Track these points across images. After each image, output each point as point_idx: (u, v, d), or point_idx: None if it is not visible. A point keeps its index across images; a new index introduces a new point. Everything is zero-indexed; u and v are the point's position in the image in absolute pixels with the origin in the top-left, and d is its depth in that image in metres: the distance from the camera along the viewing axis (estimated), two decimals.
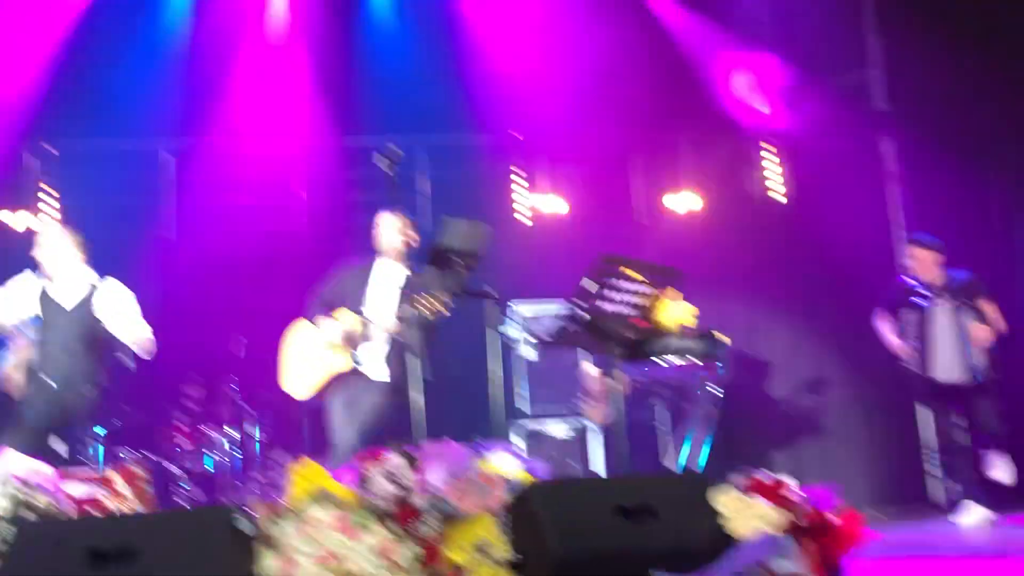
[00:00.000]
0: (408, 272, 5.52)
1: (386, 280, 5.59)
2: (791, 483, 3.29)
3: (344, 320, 5.50)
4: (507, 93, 10.08)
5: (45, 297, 5.45)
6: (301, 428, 8.19)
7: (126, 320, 5.42)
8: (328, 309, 5.59)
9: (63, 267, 5.47)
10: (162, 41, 9.95)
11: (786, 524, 3.13)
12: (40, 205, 9.44)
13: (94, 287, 5.49)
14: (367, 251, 6.02)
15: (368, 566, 2.89)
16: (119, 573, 2.84)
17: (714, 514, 3.17)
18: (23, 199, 9.53)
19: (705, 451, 4.62)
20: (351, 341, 5.47)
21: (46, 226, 5.50)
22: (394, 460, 3.17)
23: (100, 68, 9.51)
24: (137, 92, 9.44)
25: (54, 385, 5.30)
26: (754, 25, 9.59)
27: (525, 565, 2.97)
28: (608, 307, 3.95)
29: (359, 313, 5.45)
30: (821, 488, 3.32)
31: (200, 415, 8.28)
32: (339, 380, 5.55)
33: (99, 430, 7.63)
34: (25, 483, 3.24)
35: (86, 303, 5.43)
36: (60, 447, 5.46)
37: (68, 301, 5.43)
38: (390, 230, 5.59)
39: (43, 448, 5.01)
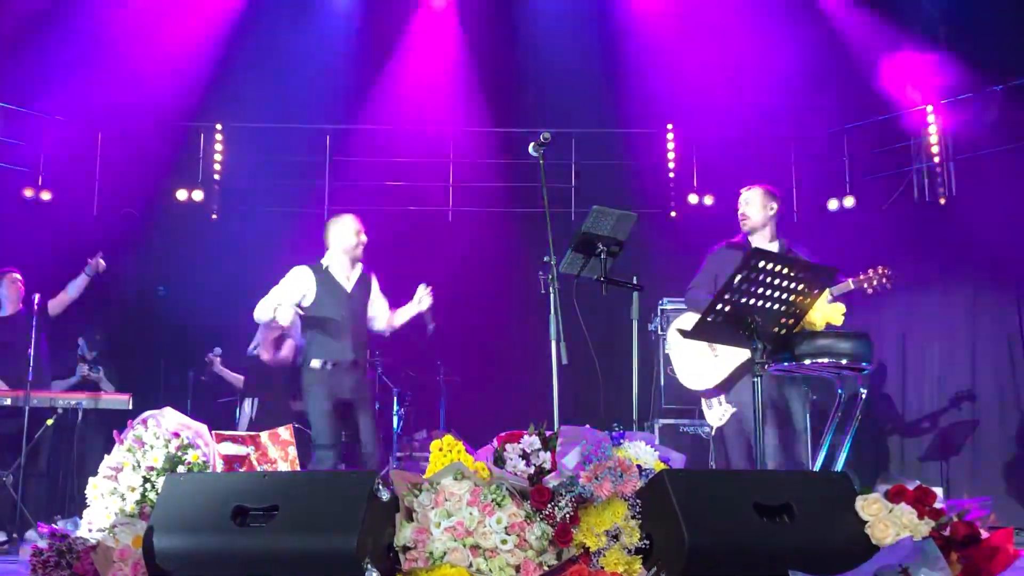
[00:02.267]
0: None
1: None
2: (937, 492, 3.17)
3: None
4: (661, 86, 10.03)
5: (331, 280, 5.91)
6: (440, 404, 8.37)
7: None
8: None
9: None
10: (326, 27, 10.29)
11: (930, 534, 3.01)
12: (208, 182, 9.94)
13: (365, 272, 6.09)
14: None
15: (498, 541, 2.93)
16: (259, 526, 2.96)
17: (854, 517, 3.08)
18: (192, 176, 10.06)
19: (844, 454, 4.48)
20: None
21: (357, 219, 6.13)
22: (530, 440, 3.20)
23: (266, 52, 9.93)
24: (301, 75, 9.82)
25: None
26: (923, 24, 9.24)
27: (655, 553, 2.95)
28: (755, 302, 3.88)
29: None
30: (970, 500, 3.19)
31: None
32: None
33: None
34: (180, 439, 3.41)
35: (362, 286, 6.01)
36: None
37: (349, 284, 5.97)
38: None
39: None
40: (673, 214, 9.94)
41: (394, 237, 9.69)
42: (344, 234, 6.03)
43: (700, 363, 5.45)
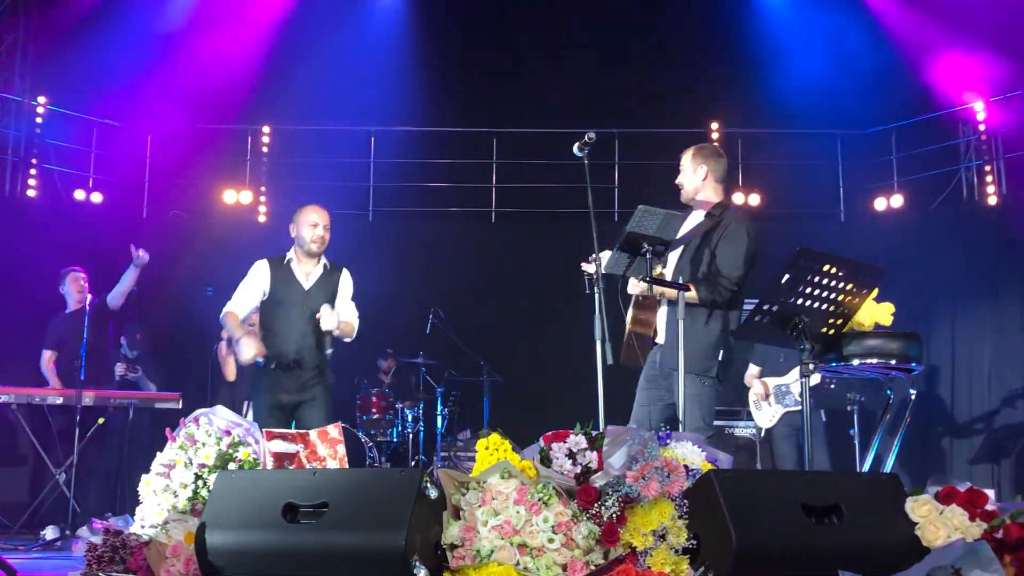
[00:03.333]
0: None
1: None
2: (988, 494, 3.13)
3: None
4: (706, 84, 9.99)
5: (289, 276, 5.54)
6: (483, 403, 8.40)
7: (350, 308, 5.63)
8: None
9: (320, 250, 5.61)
10: (370, 29, 10.39)
11: (982, 536, 2.98)
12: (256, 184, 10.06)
13: (333, 271, 5.65)
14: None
15: (545, 540, 2.94)
16: (309, 523, 2.99)
17: (904, 519, 3.05)
18: (239, 178, 10.20)
19: (894, 455, 4.43)
20: None
21: (322, 211, 5.62)
22: (576, 440, 3.20)
23: (312, 55, 10.04)
24: (346, 77, 9.91)
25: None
26: (974, 22, 9.12)
27: (702, 553, 2.95)
28: (803, 302, 3.85)
29: None
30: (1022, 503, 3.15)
31: (390, 388, 8.59)
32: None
33: None
34: (231, 437, 3.46)
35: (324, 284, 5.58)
36: None
37: (308, 282, 5.56)
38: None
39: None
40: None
41: (435, 237, 9.77)
42: (301, 227, 5.57)
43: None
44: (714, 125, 10.04)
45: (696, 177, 4.83)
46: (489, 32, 10.69)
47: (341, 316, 5.51)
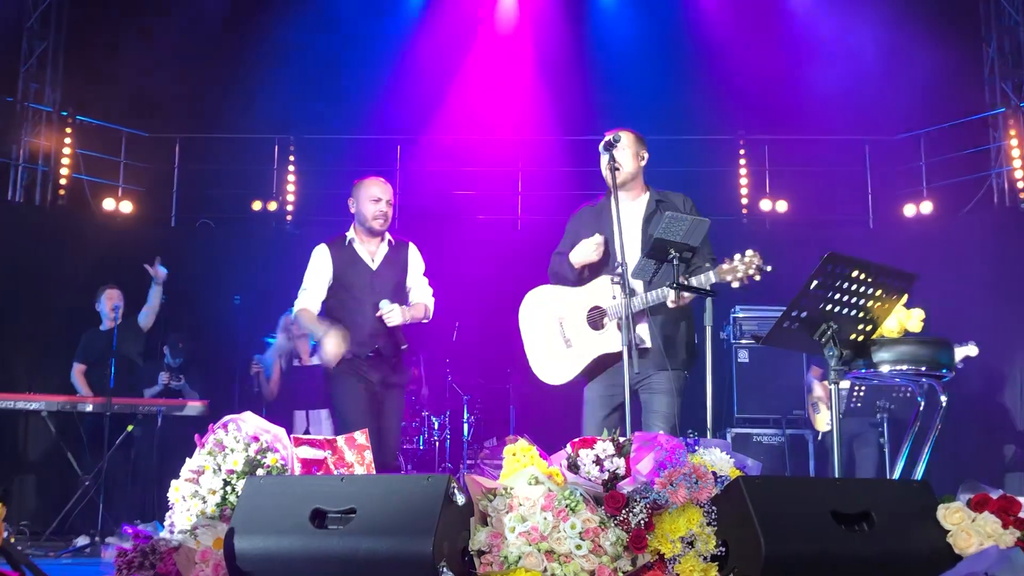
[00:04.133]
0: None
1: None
2: (1022, 501, 3.09)
3: (600, 289, 4.56)
4: (736, 91, 9.96)
5: (353, 258, 5.15)
6: (509, 411, 8.39)
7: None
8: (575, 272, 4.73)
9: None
10: (395, 38, 10.44)
11: (1015, 543, 2.94)
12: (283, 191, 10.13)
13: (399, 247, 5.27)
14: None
15: (572, 546, 2.93)
16: (337, 528, 3.00)
17: (935, 526, 3.02)
18: (267, 187, 10.26)
19: (924, 462, 4.38)
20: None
21: (384, 184, 5.15)
22: (603, 447, 3.19)
23: (337, 65, 10.11)
24: (371, 87, 9.97)
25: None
26: (1002, 25, 9.05)
27: (731, 560, 2.93)
28: (832, 308, 3.82)
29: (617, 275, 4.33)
30: None
31: (415, 396, 8.60)
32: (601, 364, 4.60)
33: None
34: (259, 443, 3.47)
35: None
36: None
37: (374, 262, 5.18)
38: None
39: None
40: (745, 220, 9.86)
41: (462, 246, 9.76)
42: (362, 202, 5.10)
43: (554, 353, 4.67)
44: (741, 131, 10.01)
45: (638, 162, 4.76)
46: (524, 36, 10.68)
47: (414, 296, 5.16)
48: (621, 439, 3.24)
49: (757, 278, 4.27)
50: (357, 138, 10.23)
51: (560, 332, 4.68)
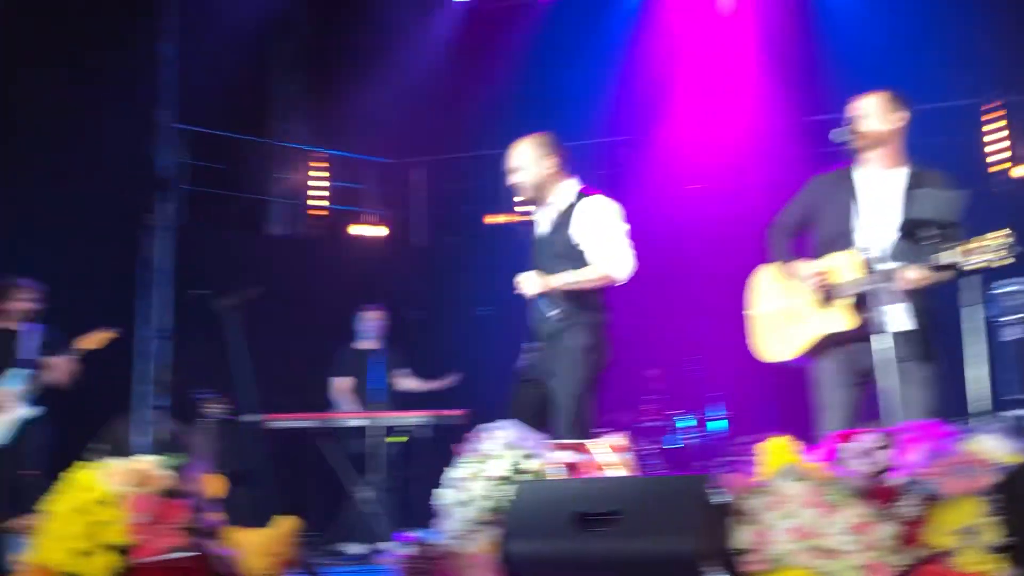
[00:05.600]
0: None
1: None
2: None
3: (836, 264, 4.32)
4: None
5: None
6: (769, 406, 8.22)
7: None
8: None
9: None
10: (611, 36, 10.45)
11: None
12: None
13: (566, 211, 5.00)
14: None
15: (842, 543, 2.87)
16: (602, 531, 3.08)
17: None
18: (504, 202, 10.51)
19: None
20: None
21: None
22: (867, 439, 3.11)
23: (555, 68, 10.23)
24: (587, 89, 10.05)
25: None
26: None
27: (1018, 551, 2.78)
28: None
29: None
30: None
31: (664, 397, 8.59)
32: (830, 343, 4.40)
33: None
34: (523, 448, 3.60)
35: None
36: None
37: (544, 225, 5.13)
38: None
39: None
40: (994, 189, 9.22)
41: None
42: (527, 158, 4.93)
43: (778, 329, 4.48)
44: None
45: (890, 123, 4.39)
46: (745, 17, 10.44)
47: (589, 253, 4.74)
48: (885, 431, 3.14)
49: (1010, 260, 3.92)
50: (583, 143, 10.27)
51: (787, 308, 4.50)
